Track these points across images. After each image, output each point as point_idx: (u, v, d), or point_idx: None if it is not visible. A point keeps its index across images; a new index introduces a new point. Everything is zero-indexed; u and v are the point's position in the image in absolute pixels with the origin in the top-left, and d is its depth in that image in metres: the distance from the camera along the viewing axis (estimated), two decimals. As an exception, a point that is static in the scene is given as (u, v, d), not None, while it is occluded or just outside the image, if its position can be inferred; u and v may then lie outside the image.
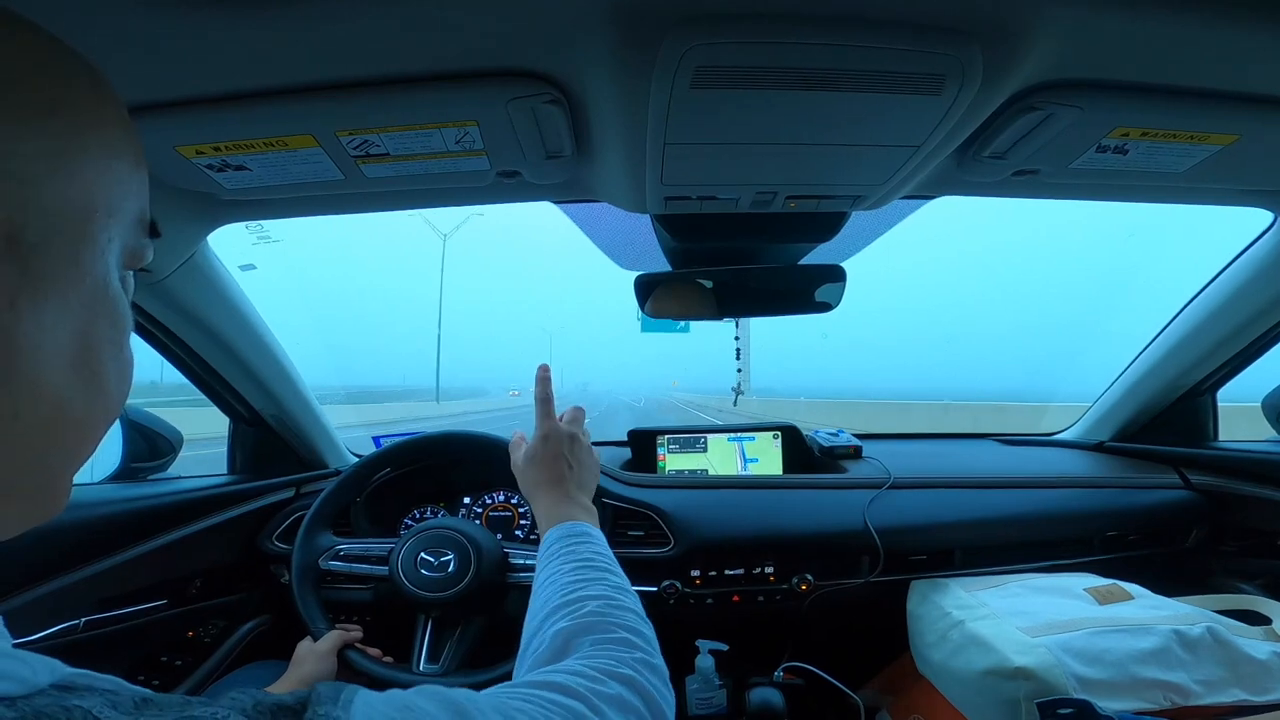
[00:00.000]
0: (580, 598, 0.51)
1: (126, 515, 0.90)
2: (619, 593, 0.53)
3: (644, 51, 0.49)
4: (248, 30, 0.46)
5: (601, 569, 0.56)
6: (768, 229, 0.90)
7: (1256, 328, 1.05)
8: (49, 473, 0.26)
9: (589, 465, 0.72)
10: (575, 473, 0.70)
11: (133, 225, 0.29)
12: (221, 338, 0.97)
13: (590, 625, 0.48)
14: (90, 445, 0.28)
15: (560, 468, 0.69)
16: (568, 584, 0.53)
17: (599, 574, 0.55)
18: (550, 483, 0.68)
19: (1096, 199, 0.88)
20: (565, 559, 0.57)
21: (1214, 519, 1.14)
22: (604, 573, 0.55)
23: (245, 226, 0.92)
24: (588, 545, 0.59)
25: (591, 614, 0.49)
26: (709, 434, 1.35)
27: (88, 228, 0.25)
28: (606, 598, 0.51)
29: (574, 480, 0.69)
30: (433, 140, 0.62)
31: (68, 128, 0.24)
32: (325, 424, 1.24)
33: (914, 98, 0.55)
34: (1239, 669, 0.76)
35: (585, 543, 0.59)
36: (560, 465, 0.69)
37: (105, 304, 0.27)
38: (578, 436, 0.73)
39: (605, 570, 0.56)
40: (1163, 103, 0.59)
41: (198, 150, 0.61)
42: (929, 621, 0.96)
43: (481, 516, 1.21)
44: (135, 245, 0.29)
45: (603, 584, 0.53)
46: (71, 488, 0.29)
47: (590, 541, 0.60)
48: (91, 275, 0.26)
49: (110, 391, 0.28)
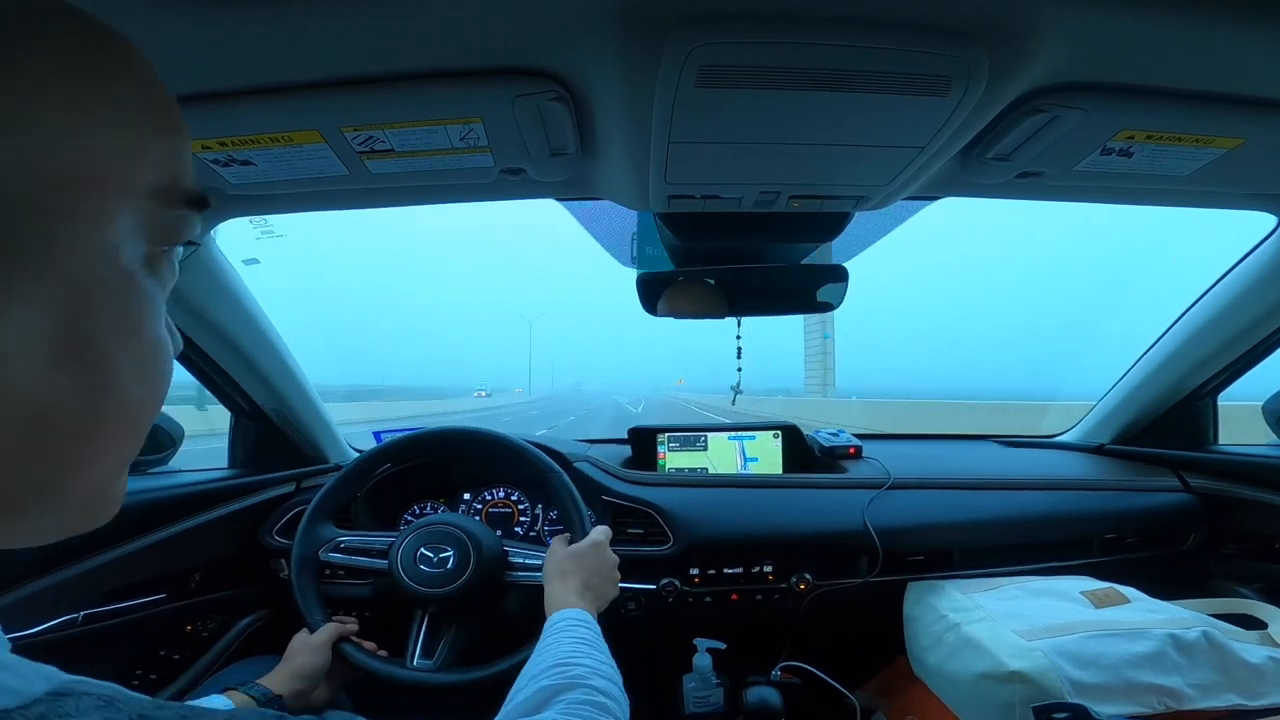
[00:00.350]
0: (569, 664, 0.59)
1: (127, 509, 0.90)
2: (605, 667, 0.61)
3: (649, 50, 0.49)
4: (254, 27, 0.47)
5: (595, 649, 0.64)
6: (770, 228, 0.90)
7: (1258, 332, 1.04)
8: (60, 479, 0.24)
9: (611, 582, 0.84)
10: (600, 586, 0.81)
11: (150, 196, 0.25)
12: (224, 332, 0.97)
13: (572, 686, 0.55)
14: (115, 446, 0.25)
15: (590, 575, 0.81)
16: (563, 654, 0.61)
17: (591, 651, 0.63)
18: (578, 578, 0.79)
19: (1101, 201, 0.88)
20: (567, 635, 0.66)
21: (1213, 522, 1.14)
22: (596, 651, 0.64)
23: (249, 221, 0.92)
24: (590, 630, 0.68)
25: (576, 678, 0.56)
26: (709, 432, 1.35)
27: (62, 197, 0.22)
28: (593, 670, 0.59)
29: (597, 590, 0.80)
30: (437, 137, 0.62)
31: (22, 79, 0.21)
32: (326, 419, 1.25)
33: (919, 99, 0.55)
34: (1234, 674, 0.76)
35: (588, 627, 0.69)
36: (592, 573, 0.81)
37: (106, 286, 0.23)
38: (615, 563, 0.86)
39: (598, 651, 0.64)
40: (1168, 106, 0.59)
41: (204, 145, 0.61)
42: (925, 624, 0.96)
43: (481, 513, 1.21)
44: (161, 219, 0.26)
45: (592, 660, 0.61)
46: (114, 498, 0.27)
47: (592, 628, 0.69)
48: (78, 253, 0.22)
49: (122, 385, 0.24)
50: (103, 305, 0.23)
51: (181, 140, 0.27)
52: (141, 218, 0.25)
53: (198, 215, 0.28)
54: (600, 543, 0.86)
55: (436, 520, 0.93)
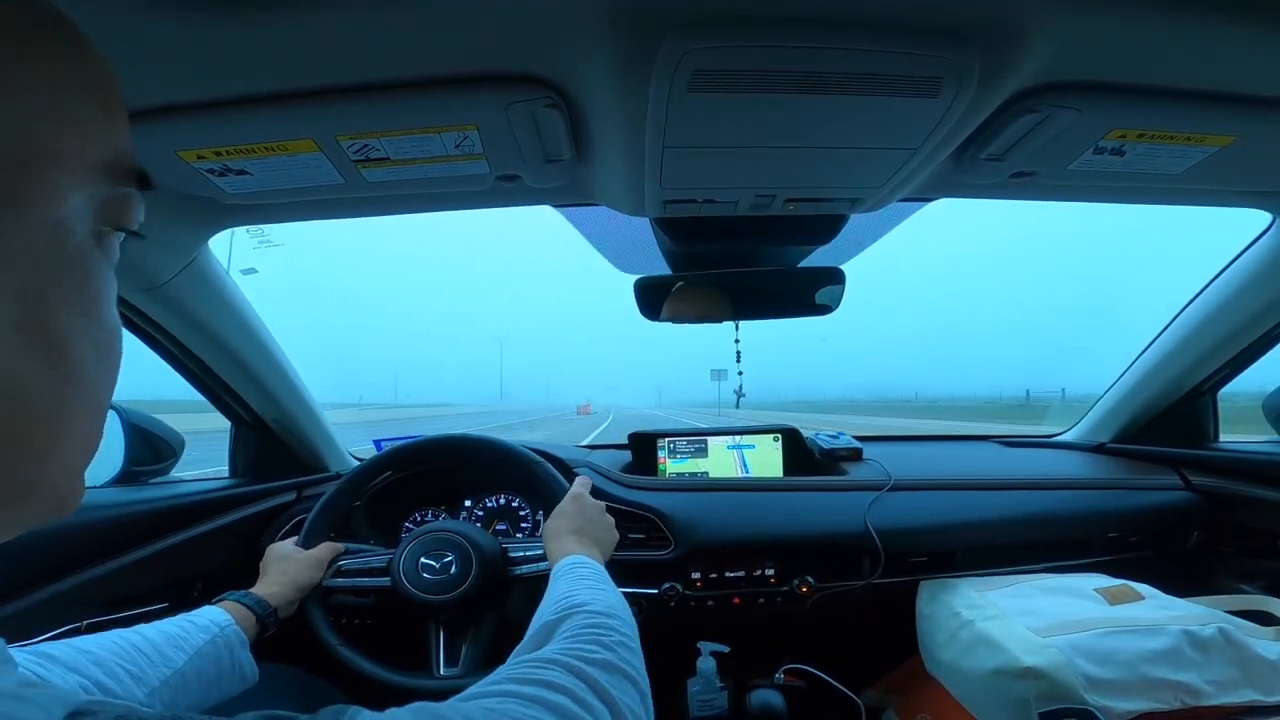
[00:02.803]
0: (568, 597, 0.58)
1: (128, 519, 0.90)
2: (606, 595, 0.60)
3: (642, 55, 0.49)
4: (248, 35, 0.47)
5: (595, 583, 0.63)
6: (767, 232, 0.90)
7: (1256, 328, 1.05)
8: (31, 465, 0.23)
9: (604, 525, 0.84)
10: (593, 530, 0.81)
11: (99, 173, 0.25)
12: (223, 341, 0.97)
13: (571, 614, 0.54)
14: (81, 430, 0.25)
15: (581, 521, 0.81)
16: (561, 592, 0.60)
17: (590, 584, 0.63)
18: (569, 530, 0.79)
19: (1095, 200, 0.88)
20: (565, 577, 0.65)
21: (1215, 520, 1.14)
22: (596, 583, 0.63)
23: (246, 231, 0.92)
24: (587, 568, 0.67)
25: (574, 607, 0.55)
26: (709, 436, 1.35)
27: (13, 176, 0.22)
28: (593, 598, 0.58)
29: (591, 535, 0.80)
30: (432, 144, 0.63)
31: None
32: (326, 427, 1.25)
33: (911, 100, 0.55)
34: (1250, 669, 0.76)
35: (586, 566, 0.68)
36: (582, 519, 0.82)
37: (63, 267, 0.23)
38: (602, 507, 0.86)
39: (599, 583, 0.64)
40: (1160, 104, 0.60)
41: (199, 155, 0.61)
42: (938, 621, 0.96)
43: (483, 519, 1.21)
44: (111, 196, 0.26)
45: (591, 592, 0.60)
46: (79, 488, 0.26)
47: (590, 566, 0.69)
48: (33, 232, 0.22)
49: (85, 369, 0.24)
50: (61, 287, 0.23)
51: (123, 117, 0.27)
52: (91, 195, 0.25)
53: (142, 196, 0.27)
54: (578, 494, 0.87)
55: (432, 529, 0.93)
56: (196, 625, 0.67)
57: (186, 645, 0.64)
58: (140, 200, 0.27)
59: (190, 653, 0.63)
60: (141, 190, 0.27)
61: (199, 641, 0.65)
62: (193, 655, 0.64)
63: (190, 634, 0.66)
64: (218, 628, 0.68)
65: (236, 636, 0.70)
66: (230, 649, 0.68)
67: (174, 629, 0.65)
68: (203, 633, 0.67)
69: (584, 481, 0.91)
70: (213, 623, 0.69)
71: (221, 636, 0.68)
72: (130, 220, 0.27)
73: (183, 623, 0.67)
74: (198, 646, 0.65)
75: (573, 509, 0.84)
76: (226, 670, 0.68)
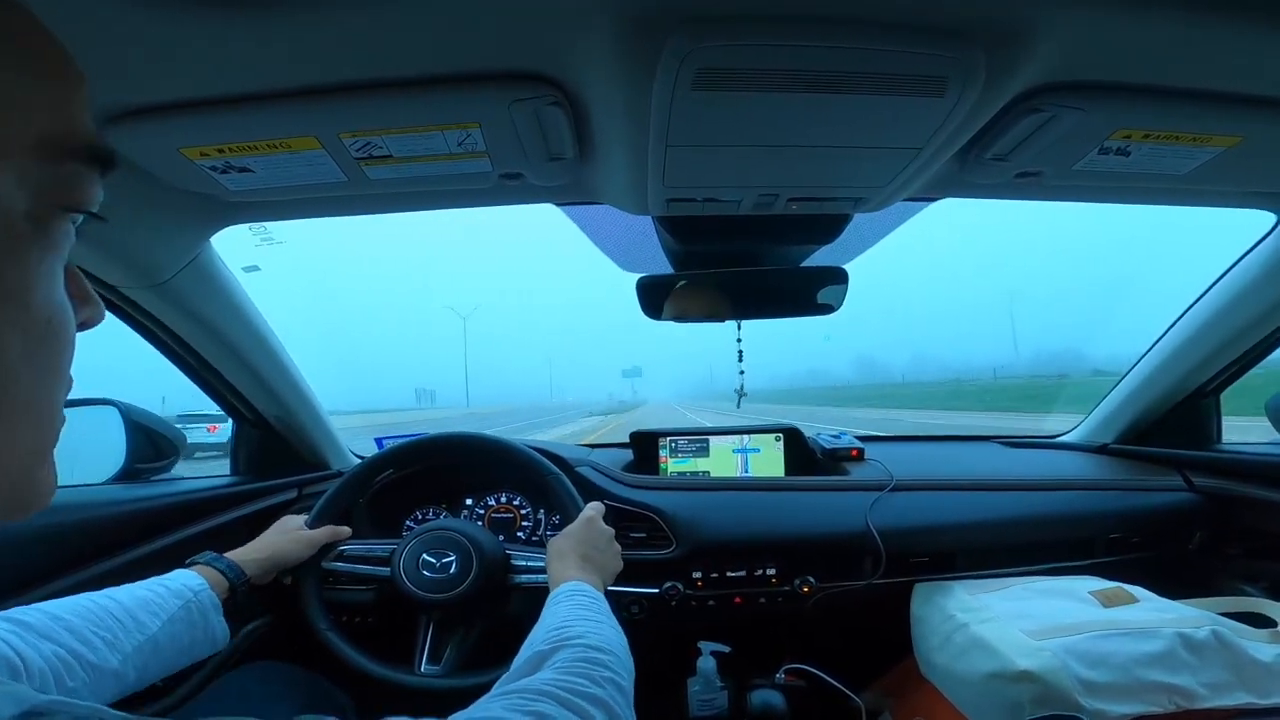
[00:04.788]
0: (564, 627, 0.58)
1: (130, 516, 0.90)
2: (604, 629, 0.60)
3: (646, 54, 0.49)
4: (252, 33, 0.47)
5: (594, 613, 0.63)
6: (770, 231, 0.90)
7: (1260, 330, 1.04)
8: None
9: (611, 553, 0.84)
10: (599, 558, 0.81)
11: (32, 150, 0.23)
12: (226, 339, 0.97)
13: (565, 645, 0.54)
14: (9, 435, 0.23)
15: (587, 548, 0.80)
16: (559, 620, 0.60)
17: (589, 615, 0.62)
18: (575, 554, 0.78)
19: (1099, 201, 0.88)
20: (565, 604, 0.65)
21: (1218, 521, 1.14)
22: (595, 614, 0.63)
23: (249, 228, 0.92)
24: (588, 597, 0.67)
25: (569, 638, 0.55)
26: (711, 436, 1.35)
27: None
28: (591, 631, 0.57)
29: (596, 562, 0.79)
30: (435, 142, 0.63)
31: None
32: (328, 425, 1.25)
33: (916, 100, 0.55)
34: (1244, 672, 0.76)
35: (586, 595, 0.68)
36: (588, 545, 0.81)
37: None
38: (611, 535, 0.86)
39: (597, 614, 0.63)
40: (1165, 104, 0.59)
41: (202, 152, 0.61)
42: (933, 624, 0.95)
43: (484, 518, 1.21)
44: (53, 175, 0.23)
45: (589, 623, 0.60)
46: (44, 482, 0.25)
47: (590, 594, 0.68)
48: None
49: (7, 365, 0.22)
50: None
51: (72, 88, 0.24)
52: (23, 174, 0.23)
53: (96, 174, 0.25)
54: (592, 518, 0.86)
55: (437, 526, 0.93)
56: (170, 590, 0.67)
57: (160, 611, 0.64)
58: (93, 178, 0.25)
59: (164, 618, 0.64)
60: (100, 168, 0.25)
61: (173, 607, 0.65)
62: (166, 621, 0.64)
63: (164, 599, 0.65)
64: (191, 593, 0.68)
65: (210, 601, 0.70)
66: (204, 613, 0.69)
67: (147, 593, 0.65)
68: (176, 598, 0.67)
69: (598, 507, 0.91)
70: (186, 587, 0.69)
71: (195, 601, 0.68)
72: (82, 200, 0.25)
73: (156, 587, 0.67)
74: (171, 612, 0.65)
75: (583, 533, 0.83)
76: (200, 635, 0.68)
